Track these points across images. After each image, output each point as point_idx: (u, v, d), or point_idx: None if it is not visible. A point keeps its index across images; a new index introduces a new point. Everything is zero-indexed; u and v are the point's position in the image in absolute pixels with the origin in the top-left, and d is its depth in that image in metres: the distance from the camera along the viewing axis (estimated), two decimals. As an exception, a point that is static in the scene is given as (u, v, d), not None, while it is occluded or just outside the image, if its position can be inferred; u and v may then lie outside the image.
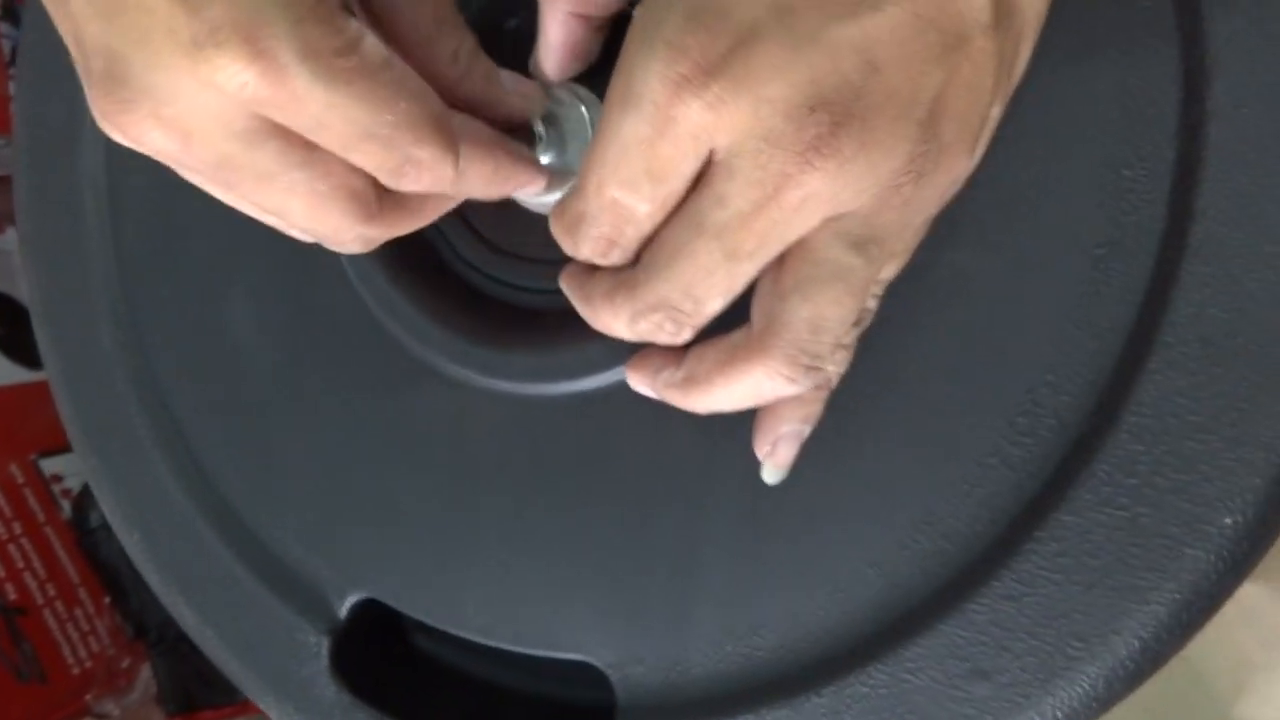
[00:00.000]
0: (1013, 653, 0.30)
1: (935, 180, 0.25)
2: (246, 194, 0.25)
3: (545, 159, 0.33)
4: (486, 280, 0.38)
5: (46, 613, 1.04)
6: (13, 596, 1.00)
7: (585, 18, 0.30)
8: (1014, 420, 0.30)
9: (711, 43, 0.22)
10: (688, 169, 0.25)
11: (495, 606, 0.37)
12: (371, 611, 0.40)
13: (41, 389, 1.16)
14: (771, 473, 0.31)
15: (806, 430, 0.31)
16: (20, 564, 1.03)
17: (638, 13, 0.24)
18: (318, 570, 0.40)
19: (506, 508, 0.36)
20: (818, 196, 0.24)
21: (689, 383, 0.30)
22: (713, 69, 0.23)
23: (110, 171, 0.42)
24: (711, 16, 0.23)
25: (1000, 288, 0.30)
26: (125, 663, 1.09)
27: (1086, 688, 0.30)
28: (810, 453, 0.31)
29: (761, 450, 0.31)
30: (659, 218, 0.26)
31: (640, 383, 0.32)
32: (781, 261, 0.26)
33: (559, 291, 0.35)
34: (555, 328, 0.35)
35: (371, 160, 0.25)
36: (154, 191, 0.41)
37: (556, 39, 0.31)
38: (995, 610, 0.31)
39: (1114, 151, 0.29)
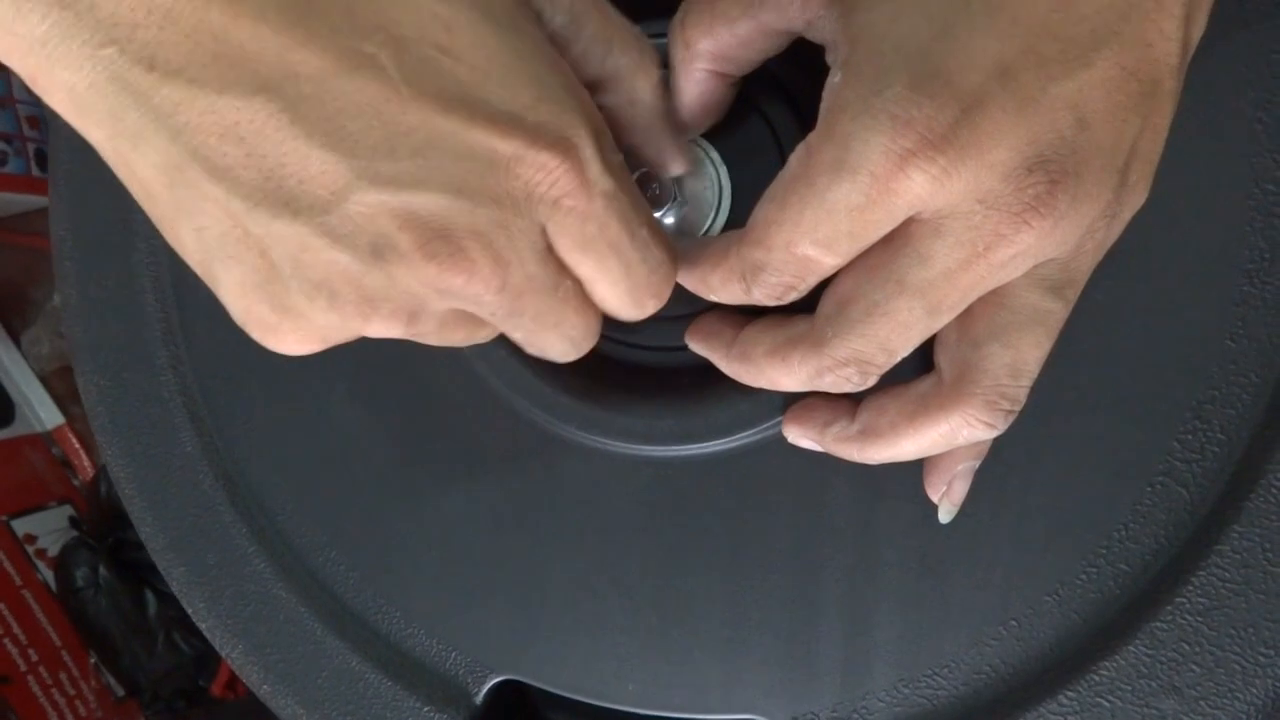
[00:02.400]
0: (1203, 666, 0.31)
1: (1123, 218, 0.26)
2: (533, 311, 0.26)
3: (670, 215, 0.32)
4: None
5: (31, 680, 1.01)
6: (-5, 665, 0.98)
7: (724, 75, 0.30)
8: (1181, 438, 0.31)
9: (938, 114, 0.22)
10: (889, 229, 0.24)
11: (653, 674, 0.36)
12: (507, 694, 0.39)
13: (8, 447, 1.13)
14: (948, 511, 0.31)
15: (977, 465, 0.31)
16: (0, 631, 1.00)
17: (845, 75, 0.24)
18: (449, 657, 0.38)
19: (655, 572, 0.36)
20: (1028, 252, 0.24)
21: (868, 435, 0.30)
22: (940, 142, 0.22)
23: (175, 269, 0.40)
24: (936, 85, 0.22)
25: (1157, 309, 0.31)
26: (114, 724, 1.06)
27: (1277, 692, 0.30)
28: (977, 488, 0.31)
29: (936, 491, 0.31)
30: (841, 265, 0.26)
31: (803, 437, 0.32)
32: (971, 308, 0.26)
33: (673, 349, 0.35)
34: (684, 385, 0.35)
35: (637, 268, 0.26)
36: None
37: (692, 96, 0.30)
38: (1180, 626, 0.31)
39: (1258, 168, 0.30)
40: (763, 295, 0.27)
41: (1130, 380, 0.31)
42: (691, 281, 0.30)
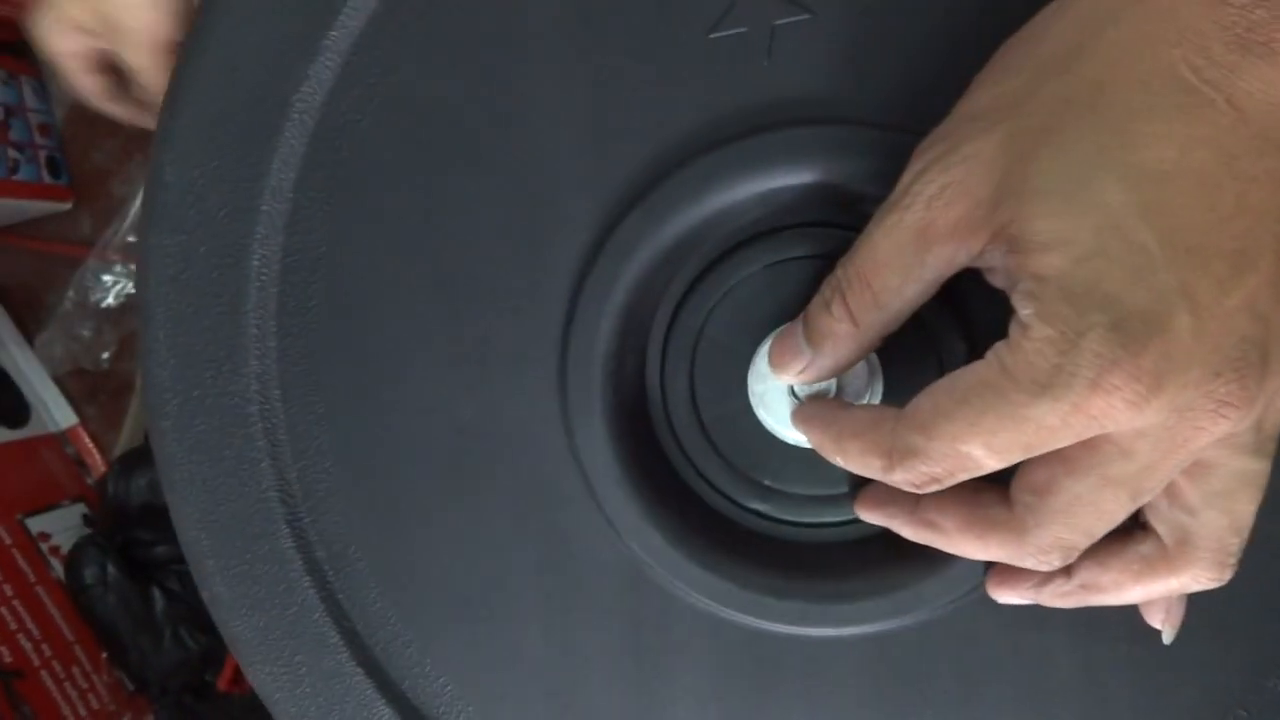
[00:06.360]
0: None
1: None
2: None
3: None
4: (739, 511, 0.37)
5: (44, 674, 1.02)
6: (9, 659, 0.99)
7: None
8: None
9: (1140, 352, 0.23)
10: (1066, 445, 0.25)
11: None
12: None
13: (23, 447, 1.14)
14: (1170, 633, 0.32)
15: None
16: (14, 626, 1.01)
17: (1037, 309, 0.24)
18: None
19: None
20: (1224, 438, 0.25)
21: (1090, 590, 0.31)
22: (1141, 374, 0.24)
23: (286, 393, 0.38)
24: (1135, 325, 0.23)
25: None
26: (126, 718, 1.08)
27: None
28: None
29: (1156, 620, 0.32)
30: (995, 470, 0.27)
31: (1014, 596, 0.32)
32: (1176, 479, 0.27)
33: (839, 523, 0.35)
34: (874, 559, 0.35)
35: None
36: (338, 412, 0.38)
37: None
38: None
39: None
40: (903, 480, 0.28)
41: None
42: (824, 441, 0.30)
